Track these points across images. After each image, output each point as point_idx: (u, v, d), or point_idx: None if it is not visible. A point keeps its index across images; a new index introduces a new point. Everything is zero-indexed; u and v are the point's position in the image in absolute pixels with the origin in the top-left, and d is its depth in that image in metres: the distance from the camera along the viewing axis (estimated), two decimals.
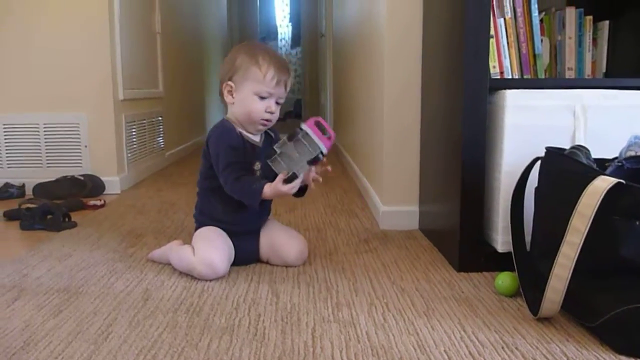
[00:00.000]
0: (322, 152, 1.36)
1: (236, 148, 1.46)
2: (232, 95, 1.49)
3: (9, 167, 2.60)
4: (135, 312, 1.21)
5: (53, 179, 2.47)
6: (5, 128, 2.57)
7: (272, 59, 1.46)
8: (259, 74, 1.44)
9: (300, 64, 8.60)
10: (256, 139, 1.52)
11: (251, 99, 1.46)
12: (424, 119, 1.84)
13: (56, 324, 1.14)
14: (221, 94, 1.52)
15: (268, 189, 1.40)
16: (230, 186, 1.44)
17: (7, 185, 2.48)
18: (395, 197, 1.92)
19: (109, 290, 1.34)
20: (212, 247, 1.42)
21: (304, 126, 1.36)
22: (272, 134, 1.57)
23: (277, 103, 1.48)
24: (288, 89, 1.50)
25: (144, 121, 3.02)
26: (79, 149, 2.59)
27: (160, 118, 3.34)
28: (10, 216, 2.07)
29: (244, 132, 1.50)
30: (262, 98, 1.46)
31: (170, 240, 1.64)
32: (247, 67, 1.45)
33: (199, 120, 4.72)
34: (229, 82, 1.48)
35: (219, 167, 1.45)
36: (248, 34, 7.74)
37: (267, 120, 1.48)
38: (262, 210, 1.55)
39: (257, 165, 1.50)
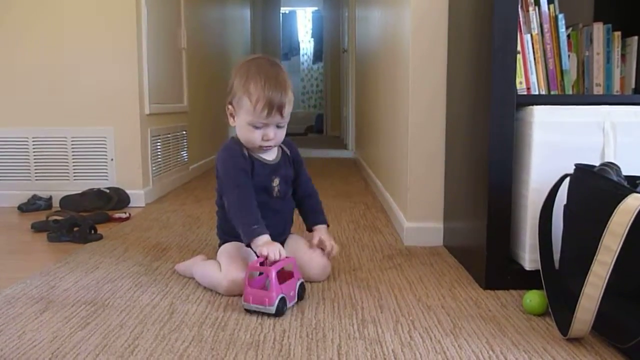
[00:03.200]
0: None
1: (244, 169, 1.44)
2: (233, 118, 1.47)
3: (36, 180, 2.65)
4: (161, 325, 1.21)
5: (79, 192, 2.52)
6: (34, 141, 2.63)
7: (264, 87, 1.37)
8: (249, 106, 1.39)
9: (322, 79, 8.66)
10: (269, 157, 1.49)
11: (246, 128, 1.43)
12: (449, 135, 1.83)
13: (83, 337, 1.15)
14: None
15: (262, 241, 1.35)
16: (232, 208, 1.41)
17: (34, 197, 2.53)
18: (419, 213, 1.91)
19: (134, 304, 1.35)
20: (237, 264, 1.42)
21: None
22: (288, 150, 1.55)
23: (278, 126, 1.44)
24: (288, 110, 1.42)
25: (169, 135, 3.06)
26: (105, 162, 2.62)
27: (184, 132, 3.38)
28: (38, 228, 2.10)
29: (255, 155, 1.47)
30: (256, 127, 1.42)
31: (194, 255, 1.66)
32: (240, 96, 1.41)
33: (222, 134, 4.76)
34: (229, 107, 1.46)
35: (226, 189, 1.44)
36: (271, 49, 7.82)
37: (266, 146, 1.45)
38: (283, 227, 1.55)
39: (276, 182, 1.49)
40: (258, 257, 1.34)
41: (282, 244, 1.54)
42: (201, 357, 1.06)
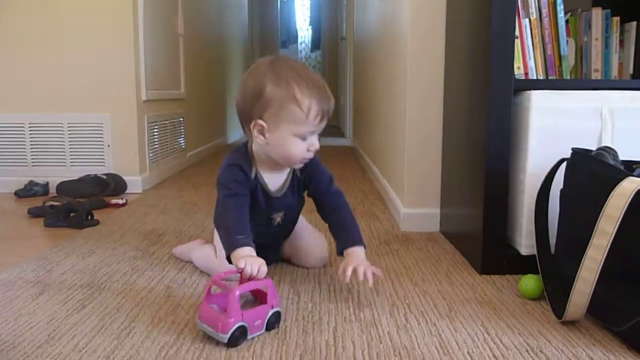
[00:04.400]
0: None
1: (243, 184, 1.29)
2: (263, 135, 1.24)
3: (33, 166, 2.64)
4: (157, 308, 1.22)
5: (76, 178, 2.51)
6: (30, 127, 2.62)
7: (312, 90, 1.20)
8: (301, 115, 1.19)
9: (320, 67, 8.62)
10: (273, 187, 1.34)
11: (291, 142, 1.23)
12: (447, 121, 1.83)
13: (80, 319, 1.16)
14: (245, 129, 1.28)
15: (243, 253, 1.17)
16: (221, 214, 1.28)
17: (31, 183, 2.52)
18: (416, 199, 1.91)
19: (131, 287, 1.35)
20: None
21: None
22: (299, 171, 1.37)
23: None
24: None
25: (166, 122, 3.05)
26: (102, 148, 2.62)
27: (181, 119, 3.36)
28: (34, 213, 2.10)
29: (263, 177, 1.33)
30: (303, 139, 1.24)
31: (191, 239, 1.66)
32: (283, 105, 1.19)
33: (220, 122, 4.75)
34: (259, 122, 1.22)
35: (218, 195, 1.30)
36: (268, 36, 7.78)
37: (307, 157, 1.29)
38: (277, 243, 1.50)
39: (278, 215, 1.39)
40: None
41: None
42: (197, 340, 1.06)
